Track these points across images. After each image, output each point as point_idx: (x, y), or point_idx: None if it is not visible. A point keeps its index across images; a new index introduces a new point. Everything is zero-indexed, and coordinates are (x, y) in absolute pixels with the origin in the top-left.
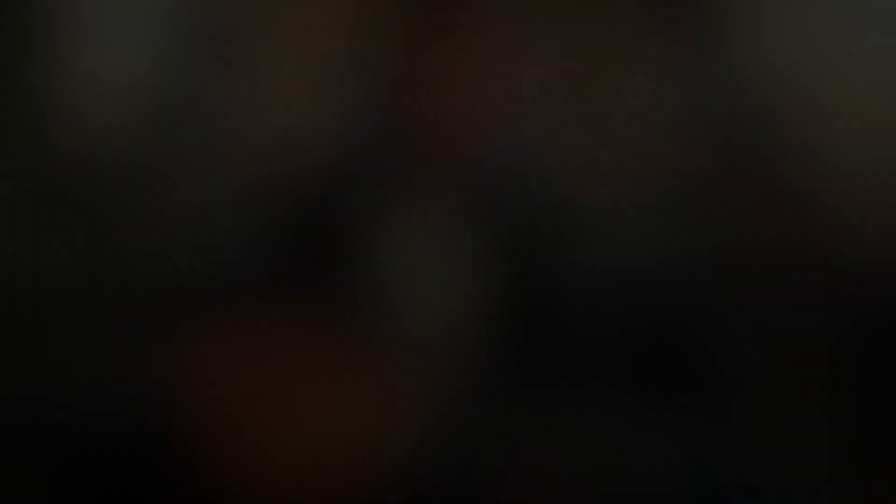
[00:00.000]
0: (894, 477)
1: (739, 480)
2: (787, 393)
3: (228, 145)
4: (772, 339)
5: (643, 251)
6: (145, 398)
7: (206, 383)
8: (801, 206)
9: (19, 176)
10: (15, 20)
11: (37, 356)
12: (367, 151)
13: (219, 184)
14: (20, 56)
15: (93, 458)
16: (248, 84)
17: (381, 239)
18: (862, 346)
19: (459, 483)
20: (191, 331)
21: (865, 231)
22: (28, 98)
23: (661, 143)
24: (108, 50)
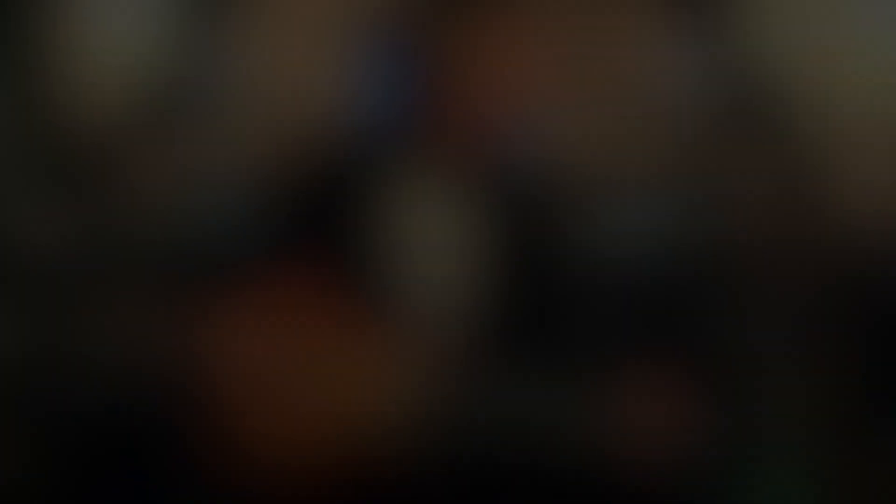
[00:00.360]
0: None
1: (740, 460)
2: (789, 374)
3: (241, 115)
4: (774, 321)
5: (652, 231)
6: (155, 372)
7: (216, 354)
8: (808, 191)
9: (24, 149)
10: None
11: (46, 331)
12: (381, 124)
13: (232, 155)
14: (20, 29)
15: (104, 433)
16: (262, 52)
17: (393, 212)
18: (864, 329)
19: (464, 455)
20: (200, 303)
21: (873, 215)
22: (30, 71)
23: (673, 126)
24: (113, 24)
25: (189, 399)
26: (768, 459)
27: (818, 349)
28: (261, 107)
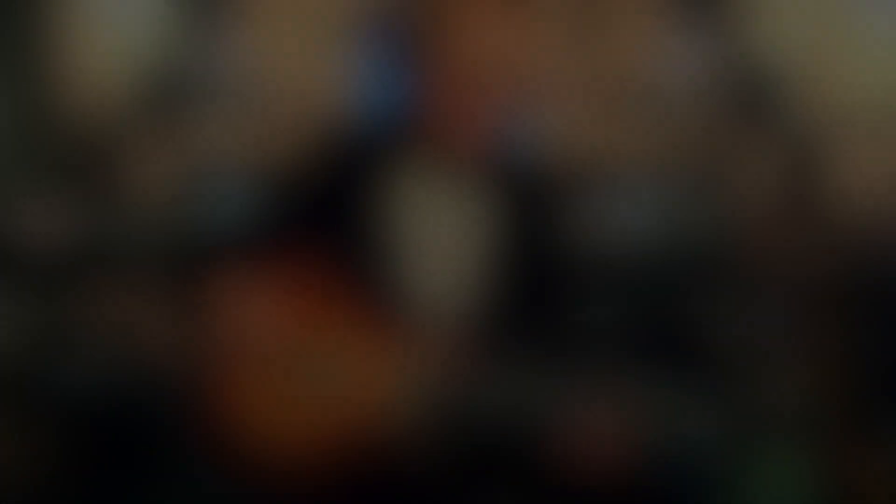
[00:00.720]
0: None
1: (740, 453)
2: (789, 365)
3: (243, 109)
4: (776, 311)
5: (653, 220)
6: (159, 361)
7: (216, 345)
8: (810, 182)
9: (28, 141)
10: None
11: (50, 319)
12: (382, 118)
13: (235, 149)
14: (23, 23)
15: (108, 422)
16: (263, 46)
17: (395, 204)
18: (867, 316)
19: (465, 445)
20: (203, 294)
21: (874, 205)
22: (33, 64)
23: (674, 116)
24: (115, 18)
25: (193, 386)
26: (769, 451)
27: (819, 339)
28: (263, 101)
